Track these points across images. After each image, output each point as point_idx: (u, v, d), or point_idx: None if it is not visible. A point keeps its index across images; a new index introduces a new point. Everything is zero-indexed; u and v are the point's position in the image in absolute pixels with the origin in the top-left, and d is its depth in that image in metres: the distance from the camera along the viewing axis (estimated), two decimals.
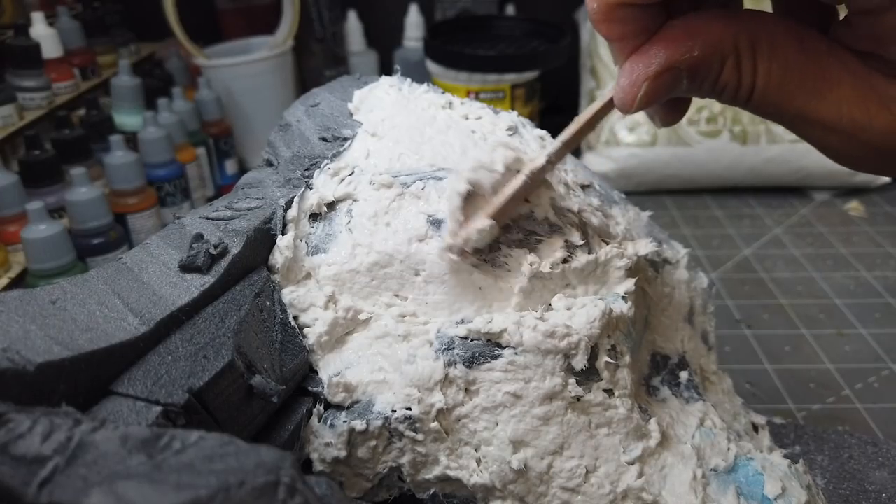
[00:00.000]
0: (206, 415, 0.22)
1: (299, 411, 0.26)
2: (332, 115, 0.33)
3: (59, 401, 0.19)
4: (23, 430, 0.16)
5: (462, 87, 0.71)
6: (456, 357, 0.25)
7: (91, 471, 0.16)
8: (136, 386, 0.21)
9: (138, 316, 0.23)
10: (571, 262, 0.27)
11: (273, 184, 0.30)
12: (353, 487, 0.26)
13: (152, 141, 0.63)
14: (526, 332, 0.25)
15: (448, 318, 0.27)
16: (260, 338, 0.25)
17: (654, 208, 0.43)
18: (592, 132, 0.69)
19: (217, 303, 0.25)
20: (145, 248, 0.26)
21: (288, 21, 0.80)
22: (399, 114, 0.32)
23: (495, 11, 0.87)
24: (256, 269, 0.27)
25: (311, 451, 0.26)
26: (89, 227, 0.55)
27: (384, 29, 0.93)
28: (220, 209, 0.28)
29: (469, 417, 0.26)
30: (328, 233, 0.28)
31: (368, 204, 0.28)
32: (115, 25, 0.85)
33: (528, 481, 0.25)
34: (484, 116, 0.33)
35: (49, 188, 0.58)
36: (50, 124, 0.66)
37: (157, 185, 0.63)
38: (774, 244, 0.63)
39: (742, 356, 0.48)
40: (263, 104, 0.79)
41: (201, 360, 0.22)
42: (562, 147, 0.26)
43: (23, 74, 0.66)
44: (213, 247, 0.25)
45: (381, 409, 0.25)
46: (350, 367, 0.27)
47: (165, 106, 0.68)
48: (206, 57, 0.78)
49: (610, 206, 0.32)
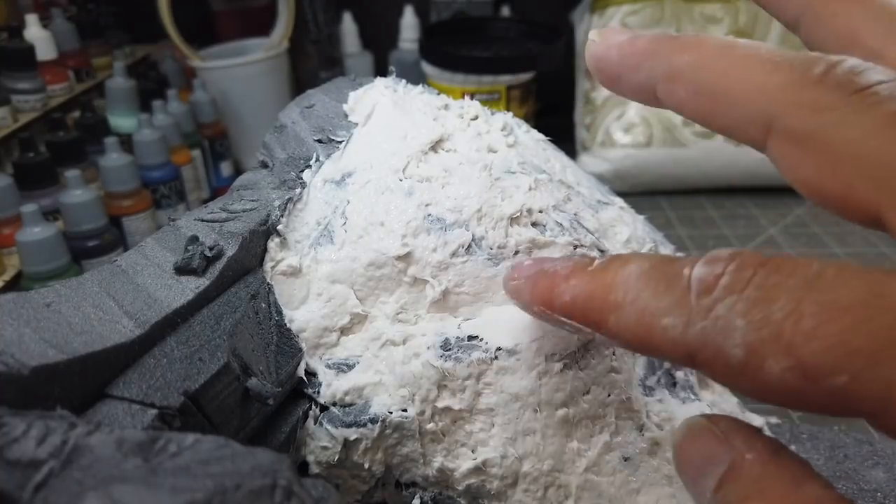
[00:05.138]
0: (202, 417, 0.22)
1: (295, 414, 0.26)
2: (327, 116, 0.33)
3: (53, 404, 0.19)
4: (17, 433, 0.16)
5: (457, 88, 0.71)
6: (452, 358, 0.25)
7: (86, 475, 0.15)
8: (131, 389, 0.21)
9: (133, 318, 0.22)
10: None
11: (268, 185, 0.30)
12: (350, 490, 0.26)
13: (147, 143, 0.63)
14: (524, 332, 0.25)
15: (445, 318, 0.27)
16: (255, 340, 0.25)
17: (650, 209, 0.43)
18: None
19: (212, 305, 0.25)
20: (140, 251, 0.26)
21: (283, 23, 0.80)
22: (395, 114, 0.32)
23: (490, 13, 0.87)
24: (252, 271, 0.27)
25: (307, 453, 0.26)
26: (84, 230, 0.54)
27: (379, 30, 0.93)
28: (216, 211, 0.28)
29: (465, 419, 0.26)
30: (323, 233, 0.28)
31: (363, 204, 0.28)
32: (110, 27, 0.85)
33: (526, 482, 0.25)
34: (480, 116, 0.33)
35: (43, 190, 0.58)
36: (44, 126, 0.66)
37: (152, 187, 0.63)
38: (770, 245, 0.63)
39: None
40: (258, 106, 0.79)
41: (197, 363, 0.22)
42: None
43: (17, 76, 0.66)
44: (209, 249, 0.25)
45: (378, 410, 0.25)
46: (346, 369, 0.27)
47: (160, 108, 0.68)
48: (200, 59, 0.77)
49: (598, 210, 0.32)
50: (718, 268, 0.15)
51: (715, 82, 0.18)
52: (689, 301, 0.15)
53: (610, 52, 0.20)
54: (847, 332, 0.13)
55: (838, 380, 0.13)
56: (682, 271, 0.16)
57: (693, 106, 0.19)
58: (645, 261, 0.17)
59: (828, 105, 0.16)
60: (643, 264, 0.17)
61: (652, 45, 0.19)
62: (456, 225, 0.27)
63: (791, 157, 0.17)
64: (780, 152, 0.17)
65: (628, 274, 0.17)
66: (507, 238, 0.27)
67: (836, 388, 0.13)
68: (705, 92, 0.18)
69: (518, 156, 0.31)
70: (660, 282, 0.16)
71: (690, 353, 0.15)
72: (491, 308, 0.27)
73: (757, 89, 0.17)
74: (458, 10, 0.87)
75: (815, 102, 0.16)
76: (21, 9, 0.78)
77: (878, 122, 0.15)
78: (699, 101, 0.18)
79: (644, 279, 0.16)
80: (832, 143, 0.16)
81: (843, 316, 0.13)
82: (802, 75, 0.16)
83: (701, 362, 0.15)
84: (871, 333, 0.13)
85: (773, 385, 0.14)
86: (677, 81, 0.19)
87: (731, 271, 0.15)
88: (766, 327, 0.14)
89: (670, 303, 0.15)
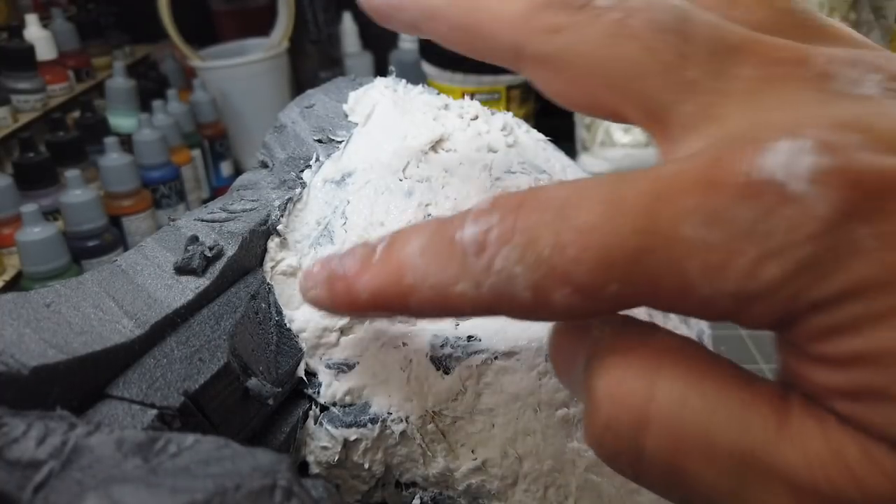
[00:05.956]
0: (202, 418, 0.22)
1: (295, 414, 0.26)
2: (327, 116, 0.33)
3: (53, 404, 0.19)
4: (17, 434, 0.16)
5: (457, 88, 0.71)
6: (453, 358, 0.25)
7: (86, 475, 0.15)
8: (131, 389, 0.21)
9: (133, 318, 0.22)
10: None
11: (268, 185, 0.30)
12: (350, 490, 0.26)
13: (147, 143, 0.63)
14: (524, 332, 0.25)
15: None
16: (255, 340, 0.25)
17: None
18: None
19: (212, 305, 0.25)
20: (140, 251, 0.26)
21: (283, 23, 0.80)
22: (395, 114, 0.32)
23: None
24: (252, 271, 0.27)
25: (307, 453, 0.26)
26: (84, 230, 0.54)
27: (379, 30, 0.92)
28: (216, 211, 0.28)
29: (465, 419, 0.26)
30: (323, 233, 0.28)
31: (363, 204, 0.28)
32: (110, 27, 0.85)
33: (526, 482, 0.25)
34: (480, 115, 0.33)
35: (43, 190, 0.58)
36: (44, 126, 0.66)
37: (152, 187, 0.63)
38: None
39: (738, 356, 0.47)
40: (258, 106, 0.79)
41: (196, 363, 0.22)
42: None
43: (17, 76, 0.66)
44: (209, 249, 0.25)
45: (378, 410, 0.25)
46: (346, 369, 0.27)
47: (160, 108, 0.68)
48: (200, 59, 0.77)
49: None
50: (483, 224, 0.16)
51: (466, 17, 0.20)
52: (470, 264, 0.16)
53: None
54: (601, 247, 0.14)
55: (611, 289, 0.15)
56: (454, 235, 0.17)
57: (453, 40, 0.21)
58: (422, 233, 0.18)
59: (560, 26, 0.18)
60: (421, 239, 0.18)
61: None
62: None
63: (542, 77, 0.19)
64: (533, 75, 0.19)
65: (410, 253, 0.18)
66: None
67: (614, 295, 0.15)
68: (460, 27, 0.20)
69: (518, 156, 0.31)
70: (440, 253, 0.17)
71: (490, 307, 0.16)
72: None
73: (500, 20, 0.19)
74: None
75: (550, 26, 0.18)
76: (21, 9, 0.78)
77: (602, 32, 0.17)
78: (457, 35, 0.20)
79: (425, 255, 0.17)
80: (570, 59, 0.18)
81: (593, 234, 0.15)
82: (535, 1, 0.18)
83: (502, 312, 0.16)
84: (621, 240, 0.14)
85: (565, 312, 0.15)
86: (436, 19, 0.20)
87: (496, 223, 0.16)
88: (540, 267, 0.15)
89: (456, 271, 0.16)
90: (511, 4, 0.19)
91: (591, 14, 0.17)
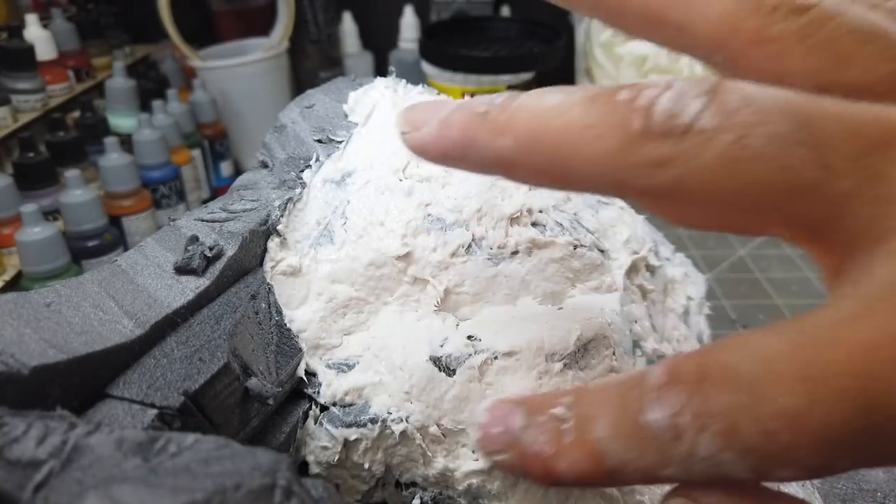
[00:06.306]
0: (202, 417, 0.22)
1: (295, 414, 0.26)
2: (326, 116, 0.33)
3: (53, 404, 0.19)
4: (17, 433, 0.16)
5: (457, 88, 0.71)
6: (452, 358, 0.25)
7: (86, 474, 0.15)
8: (131, 389, 0.21)
9: (133, 318, 0.22)
10: (571, 261, 0.27)
11: (268, 185, 0.30)
12: (350, 490, 0.26)
13: (147, 143, 0.63)
14: (524, 332, 0.25)
15: (445, 318, 0.27)
16: (255, 340, 0.25)
17: None
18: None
19: (212, 305, 0.25)
20: (140, 251, 0.26)
21: (283, 23, 0.80)
22: (395, 114, 0.32)
23: (490, 13, 0.87)
24: (251, 271, 0.27)
25: (307, 453, 0.26)
26: (84, 230, 0.54)
27: (379, 30, 0.93)
28: (216, 211, 0.28)
29: (466, 420, 0.26)
30: (323, 233, 0.28)
31: (363, 203, 0.28)
32: (110, 27, 0.85)
33: (527, 482, 0.25)
34: None
35: (43, 190, 0.58)
36: (44, 126, 0.66)
37: (151, 187, 0.63)
38: (769, 244, 0.63)
39: None
40: (258, 106, 0.79)
41: (197, 363, 0.22)
42: None
43: (17, 76, 0.66)
44: (209, 249, 0.25)
45: (378, 411, 0.25)
46: (346, 369, 0.27)
47: (160, 108, 0.68)
48: (200, 59, 0.77)
49: (598, 210, 0.32)
50: (668, 407, 0.15)
51: (550, 165, 0.17)
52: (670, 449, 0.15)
53: (427, 146, 0.20)
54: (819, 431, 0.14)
55: (842, 464, 0.14)
56: (639, 419, 0.16)
57: (545, 183, 0.18)
58: (606, 410, 0.17)
59: (666, 158, 0.16)
60: (606, 419, 0.17)
61: (464, 135, 0.19)
62: (456, 225, 0.27)
63: (655, 208, 0.17)
64: (644, 205, 0.17)
65: (602, 438, 0.17)
66: (507, 238, 0.27)
67: (847, 466, 0.14)
68: (546, 174, 0.18)
69: None
70: (632, 437, 0.16)
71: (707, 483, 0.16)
72: (491, 308, 0.27)
73: (593, 161, 0.17)
74: (458, 10, 0.88)
75: (655, 160, 0.16)
76: (21, 9, 0.78)
77: (719, 158, 0.15)
78: (546, 181, 0.18)
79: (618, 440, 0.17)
80: (688, 191, 0.16)
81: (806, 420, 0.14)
82: (625, 132, 0.16)
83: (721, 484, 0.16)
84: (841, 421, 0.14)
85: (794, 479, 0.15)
86: (515, 170, 0.18)
87: (685, 405, 0.15)
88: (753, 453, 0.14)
89: (658, 457, 0.16)
90: (601, 143, 0.16)
91: (698, 140, 0.15)
